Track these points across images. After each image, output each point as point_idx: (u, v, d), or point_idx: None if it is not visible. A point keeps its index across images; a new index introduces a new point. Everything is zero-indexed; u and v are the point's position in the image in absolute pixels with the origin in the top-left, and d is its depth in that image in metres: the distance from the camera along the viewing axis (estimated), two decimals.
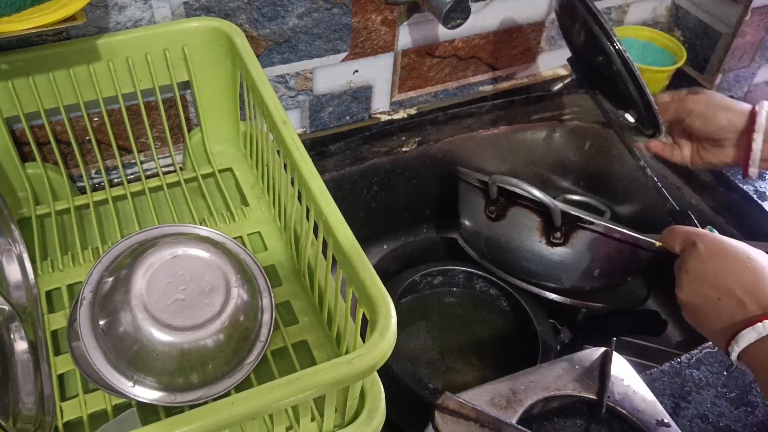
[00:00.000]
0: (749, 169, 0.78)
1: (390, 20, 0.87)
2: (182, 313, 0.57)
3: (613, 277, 0.84)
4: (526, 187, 0.81)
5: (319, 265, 0.66)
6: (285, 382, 0.46)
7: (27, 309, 0.64)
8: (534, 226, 0.83)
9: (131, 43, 0.72)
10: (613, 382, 0.64)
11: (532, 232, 0.84)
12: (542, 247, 0.84)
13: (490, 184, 0.85)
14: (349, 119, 0.96)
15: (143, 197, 0.79)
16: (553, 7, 0.98)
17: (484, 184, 0.87)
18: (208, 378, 0.58)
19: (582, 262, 0.82)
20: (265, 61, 0.84)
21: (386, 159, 0.98)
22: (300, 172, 0.61)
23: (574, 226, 0.81)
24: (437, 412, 0.60)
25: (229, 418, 0.44)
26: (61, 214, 0.77)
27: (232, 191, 0.81)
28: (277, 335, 0.65)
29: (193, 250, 0.61)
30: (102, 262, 0.62)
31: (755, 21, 0.99)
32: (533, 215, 0.83)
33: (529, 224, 0.84)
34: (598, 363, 0.66)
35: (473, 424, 0.59)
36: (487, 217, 0.88)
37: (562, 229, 0.81)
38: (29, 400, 0.57)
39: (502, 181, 0.83)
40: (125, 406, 0.60)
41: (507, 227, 0.86)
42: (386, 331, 0.48)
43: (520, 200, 0.83)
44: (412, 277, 0.93)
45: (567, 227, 0.81)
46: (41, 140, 0.77)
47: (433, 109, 1.00)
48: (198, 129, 0.83)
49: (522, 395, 0.63)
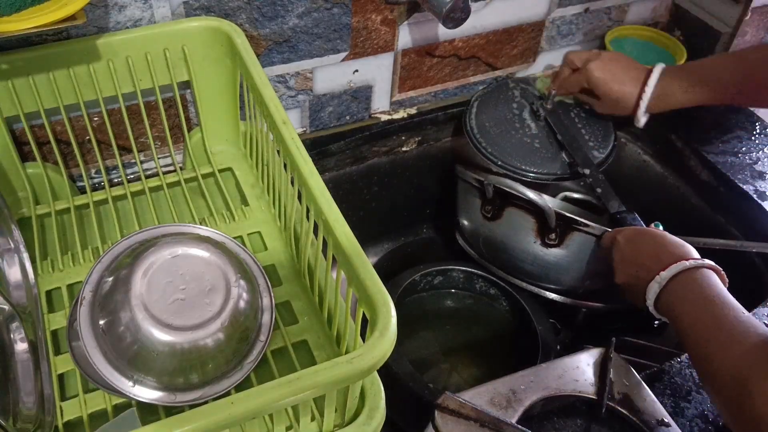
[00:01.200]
0: (638, 119, 0.89)
1: (390, 20, 0.87)
2: (182, 313, 0.57)
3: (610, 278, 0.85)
4: (520, 188, 0.81)
5: (319, 264, 0.66)
6: (285, 381, 0.46)
7: (27, 309, 0.64)
8: (529, 227, 0.83)
9: (131, 43, 0.72)
10: (613, 381, 0.64)
11: (528, 233, 0.84)
12: (537, 248, 0.84)
13: (486, 184, 0.85)
14: (349, 119, 0.96)
15: (143, 197, 0.79)
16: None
17: (481, 183, 0.87)
18: (208, 378, 0.58)
19: (577, 264, 0.83)
20: (265, 61, 0.84)
21: (386, 159, 0.98)
22: (300, 171, 0.61)
23: (569, 227, 0.81)
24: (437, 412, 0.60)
25: (229, 418, 0.44)
26: (61, 213, 0.77)
27: (232, 191, 0.81)
28: (277, 335, 0.65)
29: (193, 249, 0.61)
30: (102, 261, 0.62)
31: (755, 21, 0.99)
32: (528, 216, 0.83)
33: (525, 225, 0.84)
34: (598, 363, 0.66)
35: (473, 424, 0.59)
36: (483, 216, 0.88)
37: (557, 231, 0.82)
38: (29, 399, 0.57)
39: (497, 182, 0.83)
40: (125, 405, 0.60)
41: (503, 227, 0.86)
42: (386, 331, 0.48)
43: (516, 201, 0.83)
44: (412, 277, 0.93)
45: (562, 229, 0.81)
46: (41, 140, 0.77)
47: (433, 108, 1.00)
48: (198, 129, 0.83)
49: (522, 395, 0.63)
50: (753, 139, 0.96)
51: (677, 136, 0.97)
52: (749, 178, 0.90)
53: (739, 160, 0.93)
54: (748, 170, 0.91)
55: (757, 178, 0.90)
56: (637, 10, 1.06)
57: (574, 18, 1.02)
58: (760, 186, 0.89)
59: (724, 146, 0.95)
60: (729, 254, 0.85)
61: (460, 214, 0.94)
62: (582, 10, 1.01)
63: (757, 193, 0.88)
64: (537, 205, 0.80)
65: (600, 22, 1.05)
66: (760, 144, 0.95)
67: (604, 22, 1.05)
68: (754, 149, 0.94)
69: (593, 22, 1.04)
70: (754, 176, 0.90)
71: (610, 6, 1.04)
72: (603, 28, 1.06)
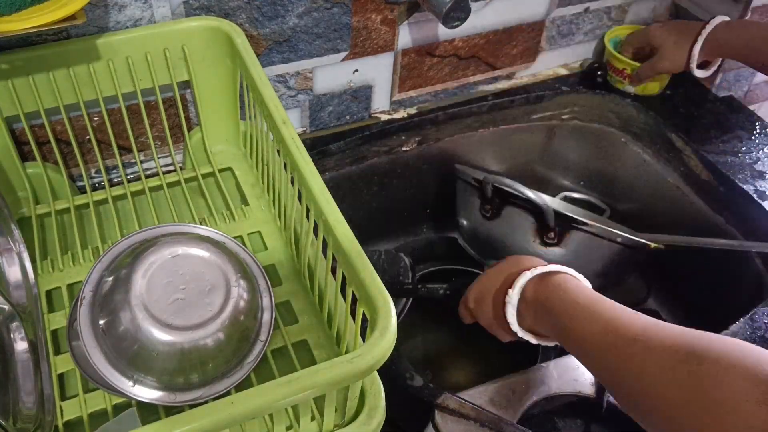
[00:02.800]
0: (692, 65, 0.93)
1: (390, 20, 0.87)
2: (182, 313, 0.57)
3: (610, 277, 0.85)
4: (519, 188, 0.81)
5: (319, 264, 0.66)
6: (285, 381, 0.46)
7: (27, 308, 0.64)
8: (528, 226, 0.84)
9: (131, 43, 0.72)
10: None
11: (527, 233, 0.84)
12: (537, 248, 0.84)
13: (485, 183, 0.85)
14: (349, 119, 0.96)
15: (143, 197, 0.79)
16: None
17: (480, 183, 0.87)
18: (208, 377, 0.58)
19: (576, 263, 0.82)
20: (265, 61, 0.84)
21: (386, 158, 0.98)
22: (300, 171, 0.61)
23: (568, 226, 0.81)
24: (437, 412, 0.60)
25: (229, 418, 0.44)
26: (61, 213, 0.77)
27: (232, 191, 0.81)
28: (277, 335, 0.65)
29: (193, 249, 0.61)
30: (102, 261, 0.62)
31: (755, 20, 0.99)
32: (527, 215, 0.83)
33: (524, 224, 0.84)
34: None
35: (473, 424, 0.59)
36: (482, 215, 0.88)
37: (556, 230, 0.81)
38: (29, 399, 0.57)
39: (496, 181, 0.83)
40: (125, 405, 0.60)
41: (502, 227, 0.86)
42: (386, 331, 0.48)
43: (515, 200, 0.84)
44: None
45: (561, 228, 0.81)
46: (41, 140, 0.77)
47: (433, 108, 1.00)
48: (198, 128, 0.83)
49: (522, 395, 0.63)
50: (753, 138, 0.96)
51: (677, 136, 0.97)
52: (749, 177, 0.90)
53: (739, 159, 0.93)
54: (748, 170, 0.91)
55: (757, 177, 0.90)
56: (637, 10, 1.06)
57: (574, 18, 1.02)
58: (760, 186, 0.89)
59: (724, 146, 0.95)
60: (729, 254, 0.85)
61: (459, 213, 0.94)
62: (582, 10, 1.01)
63: (757, 192, 0.88)
64: (536, 204, 0.80)
65: (600, 22, 1.05)
66: (760, 144, 0.95)
67: (604, 22, 1.05)
68: (754, 149, 0.94)
69: (593, 22, 1.04)
70: (754, 176, 0.90)
71: (610, 6, 1.04)
72: (603, 28, 1.06)
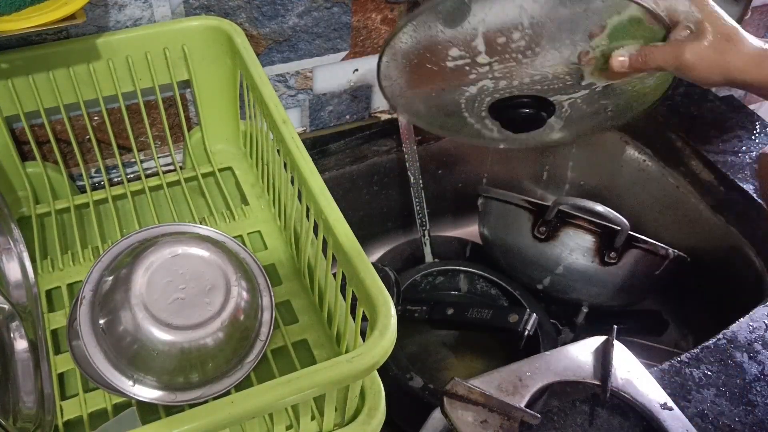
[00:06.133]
0: None
1: (390, 19, 0.87)
2: (182, 312, 0.57)
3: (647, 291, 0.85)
4: (590, 205, 0.80)
5: (319, 264, 0.66)
6: (285, 381, 0.46)
7: (27, 308, 0.64)
8: (587, 246, 0.83)
9: (131, 42, 0.72)
10: (616, 368, 0.65)
11: (585, 252, 0.83)
12: (595, 267, 0.83)
13: (552, 206, 0.83)
14: (349, 118, 0.96)
15: (143, 196, 0.79)
16: None
17: (533, 205, 0.86)
18: (208, 377, 0.58)
19: (628, 281, 0.83)
20: (265, 60, 0.84)
21: (386, 158, 0.98)
22: (300, 171, 0.61)
23: (629, 245, 0.80)
24: (446, 398, 0.60)
25: (229, 417, 0.44)
26: (61, 213, 0.77)
27: (232, 190, 0.81)
28: (277, 334, 0.65)
29: (193, 249, 0.61)
30: (102, 261, 0.62)
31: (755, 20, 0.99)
32: (588, 236, 0.82)
33: (583, 245, 0.83)
34: (600, 350, 0.66)
35: (482, 409, 0.59)
36: (535, 237, 0.86)
37: (619, 249, 0.81)
38: (29, 399, 0.57)
39: (565, 203, 0.82)
40: (125, 405, 0.60)
41: (558, 248, 0.85)
42: (386, 331, 0.48)
43: (576, 221, 0.82)
44: (413, 276, 0.93)
45: (623, 246, 0.81)
46: (41, 139, 0.77)
47: None
48: (198, 128, 0.83)
49: (528, 381, 0.63)
50: (753, 138, 0.96)
51: (677, 136, 0.97)
52: (749, 177, 0.90)
53: (739, 159, 0.93)
54: (748, 169, 0.91)
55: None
56: None
57: None
58: None
59: (724, 146, 0.95)
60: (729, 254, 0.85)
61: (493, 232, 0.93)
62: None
63: (757, 192, 0.88)
64: (607, 227, 0.79)
65: None
66: (760, 143, 0.95)
67: None
68: (754, 148, 0.94)
69: None
70: (754, 175, 0.90)
71: None
72: None
